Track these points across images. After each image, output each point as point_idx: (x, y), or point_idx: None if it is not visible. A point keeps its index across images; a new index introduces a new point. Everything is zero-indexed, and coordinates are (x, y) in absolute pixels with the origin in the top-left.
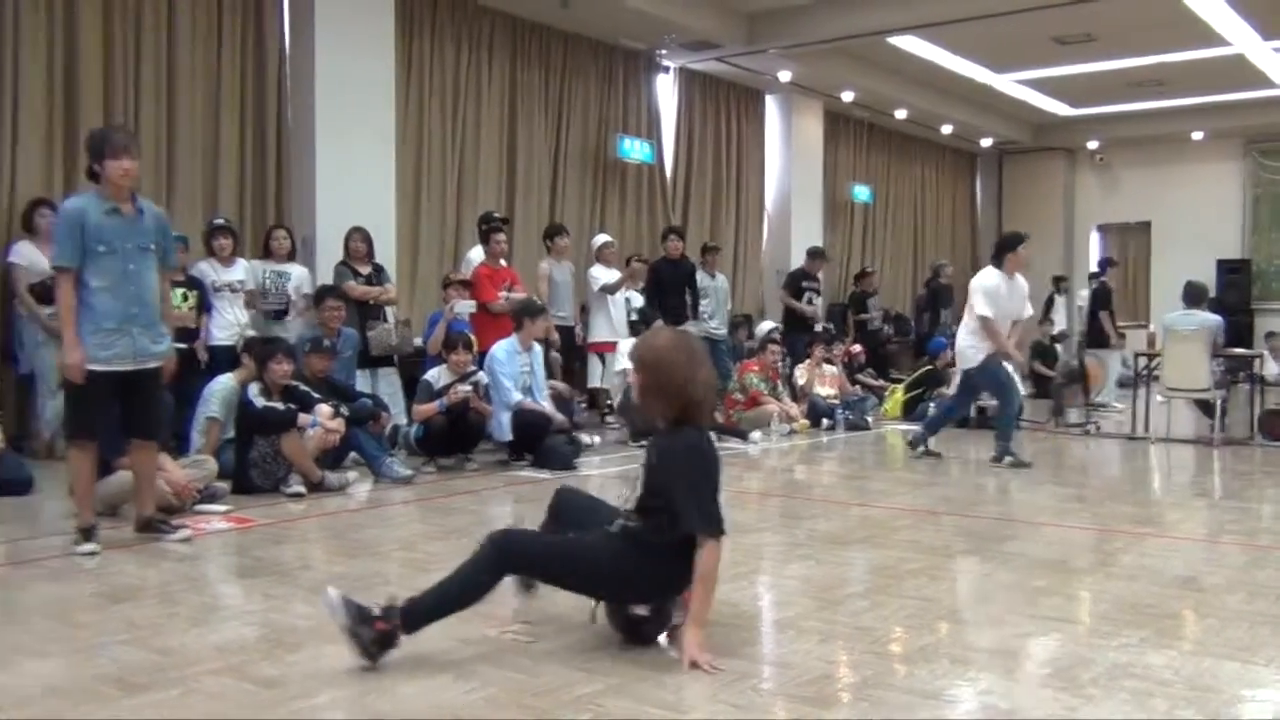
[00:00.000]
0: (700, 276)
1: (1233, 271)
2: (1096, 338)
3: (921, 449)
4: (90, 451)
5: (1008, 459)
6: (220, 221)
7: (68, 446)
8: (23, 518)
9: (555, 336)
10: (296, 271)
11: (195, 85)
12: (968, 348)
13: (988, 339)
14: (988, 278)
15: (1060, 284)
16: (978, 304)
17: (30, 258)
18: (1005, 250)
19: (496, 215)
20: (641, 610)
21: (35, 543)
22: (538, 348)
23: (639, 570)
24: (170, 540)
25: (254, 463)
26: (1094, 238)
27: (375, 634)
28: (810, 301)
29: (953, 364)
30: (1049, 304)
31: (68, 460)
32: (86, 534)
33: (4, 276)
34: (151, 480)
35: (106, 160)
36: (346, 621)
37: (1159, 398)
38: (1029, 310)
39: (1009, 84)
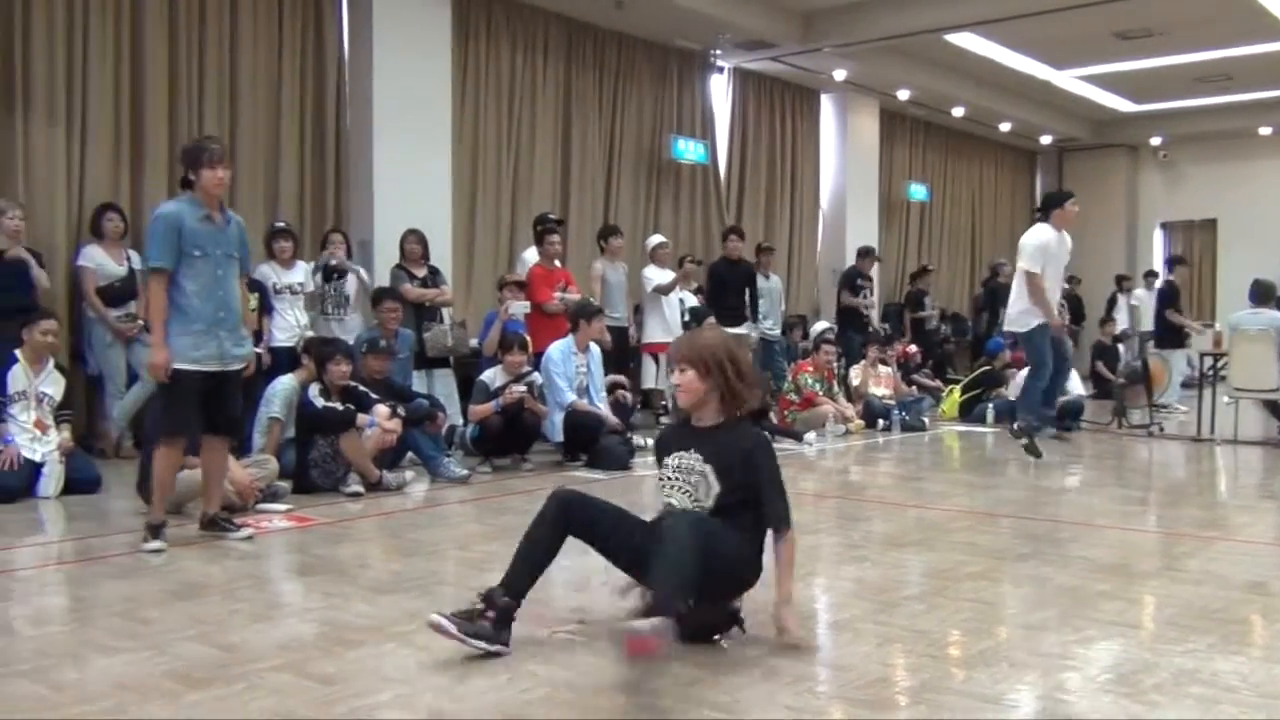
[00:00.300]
0: None
1: None
2: (1166, 336)
3: (1017, 428)
4: (179, 449)
5: (1022, 439)
6: (281, 225)
7: (156, 443)
8: (91, 516)
9: (607, 337)
10: (351, 279)
11: (256, 91)
12: (1019, 313)
13: (1034, 300)
14: (1039, 233)
15: (1123, 283)
16: (1025, 258)
17: (98, 260)
18: (1053, 205)
19: (551, 216)
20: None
21: (103, 540)
22: (595, 349)
23: (747, 555)
24: (233, 539)
25: (314, 462)
26: (1158, 235)
27: (490, 624)
28: (865, 300)
29: (1011, 365)
30: (1111, 303)
31: (153, 457)
32: (155, 531)
33: (73, 279)
34: (221, 479)
35: (203, 170)
36: (462, 631)
37: (1225, 398)
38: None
39: (1069, 80)
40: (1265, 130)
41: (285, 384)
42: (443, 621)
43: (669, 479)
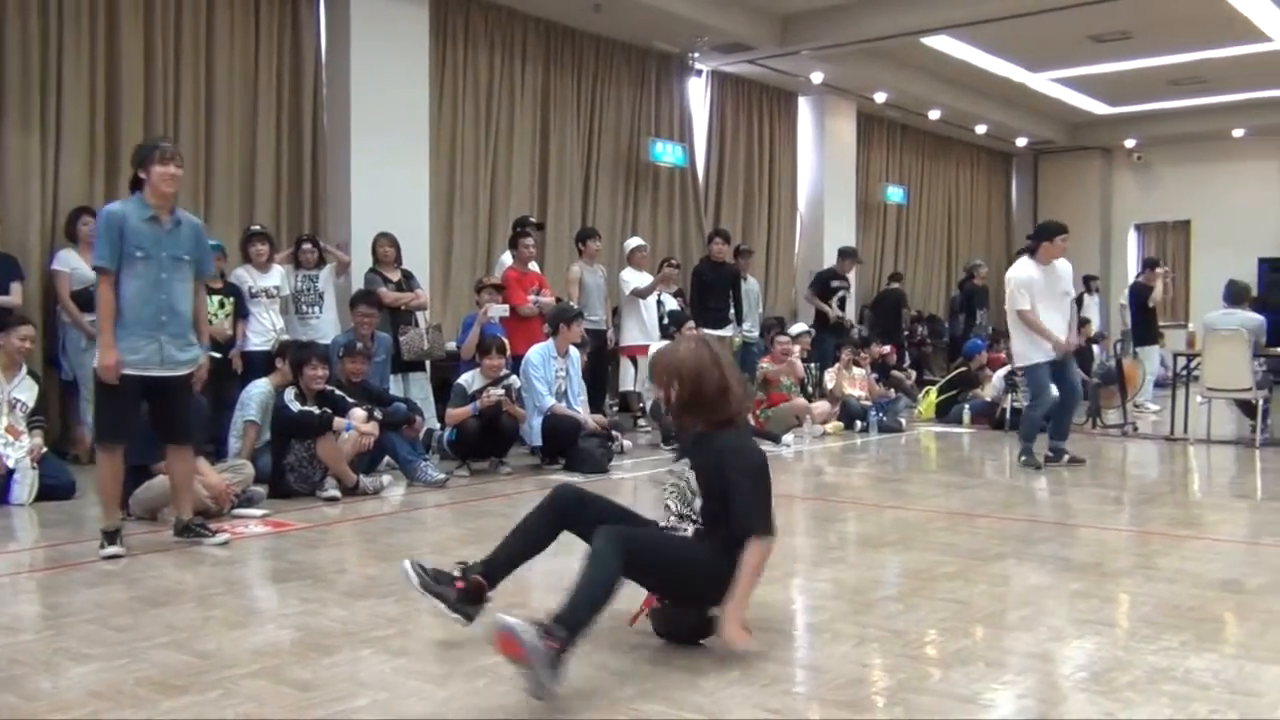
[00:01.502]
0: None
1: (1275, 270)
2: (1141, 334)
3: (1024, 458)
4: (118, 455)
5: (1023, 458)
6: (257, 228)
7: (97, 449)
8: (65, 522)
9: (585, 339)
10: (324, 272)
11: (233, 95)
12: (1019, 350)
13: (1034, 333)
14: (1022, 269)
15: (1091, 284)
16: (1011, 299)
17: (73, 265)
18: (1043, 238)
19: (532, 219)
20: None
21: (78, 546)
22: (574, 352)
23: (712, 571)
24: (208, 545)
25: (290, 467)
26: (1132, 237)
27: (458, 593)
28: (842, 302)
29: (986, 365)
30: (1079, 304)
31: (96, 463)
32: (110, 537)
33: (48, 283)
34: (188, 485)
35: (154, 166)
36: (424, 582)
37: (1199, 398)
38: (1072, 291)
39: (1044, 83)
40: (1238, 132)
41: (261, 388)
42: (410, 571)
43: (668, 485)
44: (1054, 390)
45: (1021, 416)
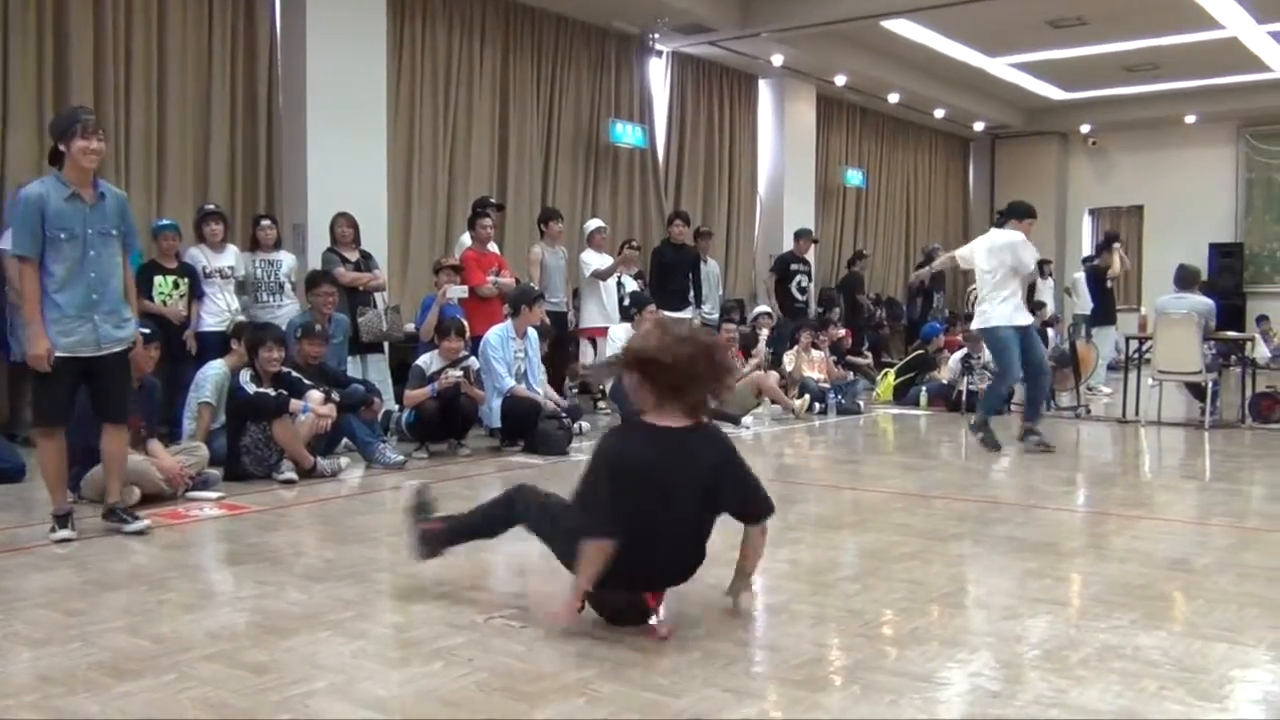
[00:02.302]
0: None
1: (1225, 255)
2: (1098, 315)
3: (982, 436)
4: (57, 439)
5: (980, 434)
6: (211, 207)
7: (37, 434)
8: (15, 505)
9: (547, 322)
10: (287, 259)
11: (186, 70)
12: (1007, 310)
13: (1020, 299)
14: (1020, 235)
15: (1044, 268)
16: (1026, 261)
17: None
18: (1013, 217)
19: (492, 200)
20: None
21: (27, 530)
22: (533, 334)
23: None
24: (127, 530)
25: (246, 449)
26: (1086, 221)
27: (420, 531)
28: (801, 284)
29: (943, 348)
30: (1032, 287)
31: (37, 448)
32: (61, 521)
33: None
34: (120, 466)
35: (74, 140)
36: (411, 503)
37: (1150, 381)
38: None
39: (1002, 68)
40: (1190, 119)
41: (216, 369)
42: (411, 489)
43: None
44: (1019, 370)
45: (986, 389)
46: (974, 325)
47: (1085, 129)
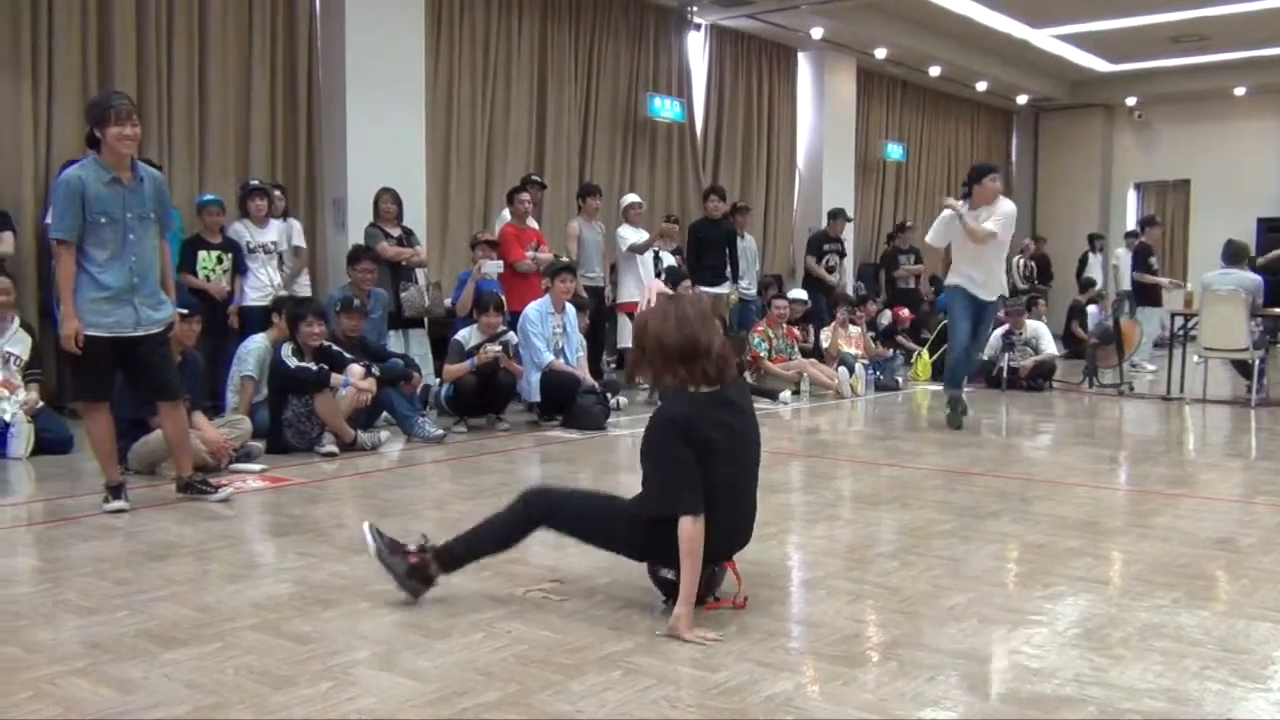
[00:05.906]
0: None
1: (1274, 230)
2: (1143, 296)
3: (958, 409)
4: (102, 412)
5: (959, 409)
6: (255, 183)
7: (81, 409)
8: (63, 476)
9: (584, 294)
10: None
11: (227, 49)
12: (981, 278)
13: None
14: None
15: (1095, 242)
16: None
17: None
18: (973, 182)
19: (535, 177)
20: (669, 573)
21: (75, 501)
22: (571, 309)
23: (651, 535)
24: (211, 500)
25: (288, 422)
26: (1131, 196)
27: (409, 566)
28: (830, 265)
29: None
30: (1083, 262)
31: (85, 424)
32: (115, 492)
33: (42, 237)
34: (184, 442)
35: (109, 127)
36: (380, 549)
37: (1195, 358)
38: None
39: (1046, 39)
40: (1240, 90)
41: (258, 343)
42: (369, 537)
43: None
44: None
45: (947, 361)
46: (996, 294)
47: (1131, 101)
